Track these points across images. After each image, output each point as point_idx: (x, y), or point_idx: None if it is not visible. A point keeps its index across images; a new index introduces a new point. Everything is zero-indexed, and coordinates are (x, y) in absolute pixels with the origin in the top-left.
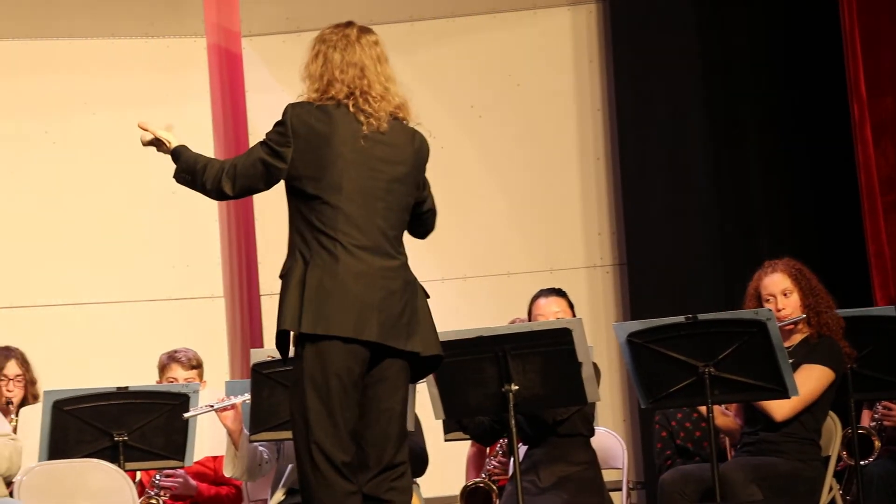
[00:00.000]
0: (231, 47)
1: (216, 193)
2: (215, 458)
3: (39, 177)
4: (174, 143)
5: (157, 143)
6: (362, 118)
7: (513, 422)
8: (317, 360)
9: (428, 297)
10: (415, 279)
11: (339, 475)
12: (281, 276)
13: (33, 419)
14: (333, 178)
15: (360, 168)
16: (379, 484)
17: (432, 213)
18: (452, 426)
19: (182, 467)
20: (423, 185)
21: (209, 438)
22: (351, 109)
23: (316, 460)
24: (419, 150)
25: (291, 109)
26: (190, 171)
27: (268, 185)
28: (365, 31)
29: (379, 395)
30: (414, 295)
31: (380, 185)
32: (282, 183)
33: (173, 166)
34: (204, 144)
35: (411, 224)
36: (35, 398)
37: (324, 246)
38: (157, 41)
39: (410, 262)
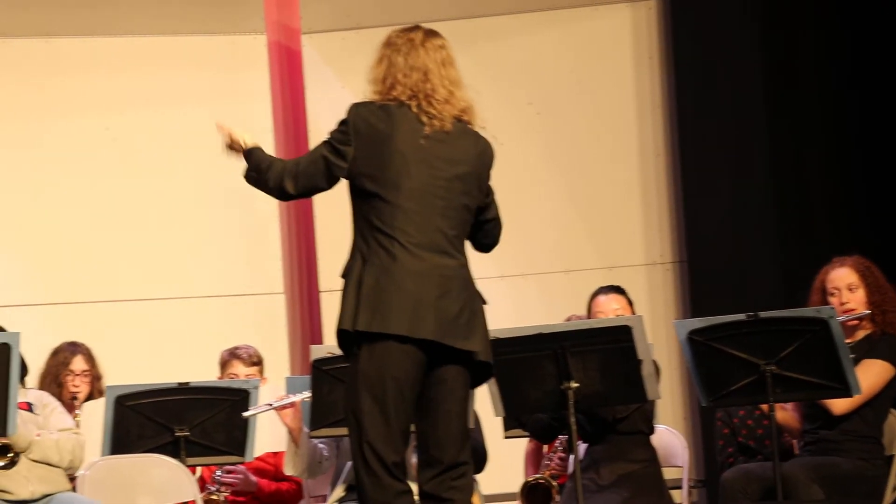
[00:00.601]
0: (291, 44)
1: (278, 192)
2: (276, 454)
3: (101, 174)
4: (249, 145)
5: (232, 147)
6: (425, 118)
7: (572, 419)
8: (372, 360)
9: (485, 303)
10: (473, 282)
11: (390, 475)
12: (342, 276)
13: (96, 414)
14: (392, 176)
15: (419, 166)
16: (440, 483)
17: (497, 222)
18: (512, 423)
19: (242, 463)
20: (486, 191)
21: (269, 435)
22: (414, 110)
23: (368, 460)
24: (482, 153)
25: (354, 108)
26: (256, 169)
27: (329, 183)
28: (431, 34)
29: (439, 396)
30: (473, 297)
31: (439, 184)
32: (343, 181)
33: (235, 164)
34: (264, 141)
35: (475, 235)
36: (100, 393)
37: (381, 244)
38: (217, 38)
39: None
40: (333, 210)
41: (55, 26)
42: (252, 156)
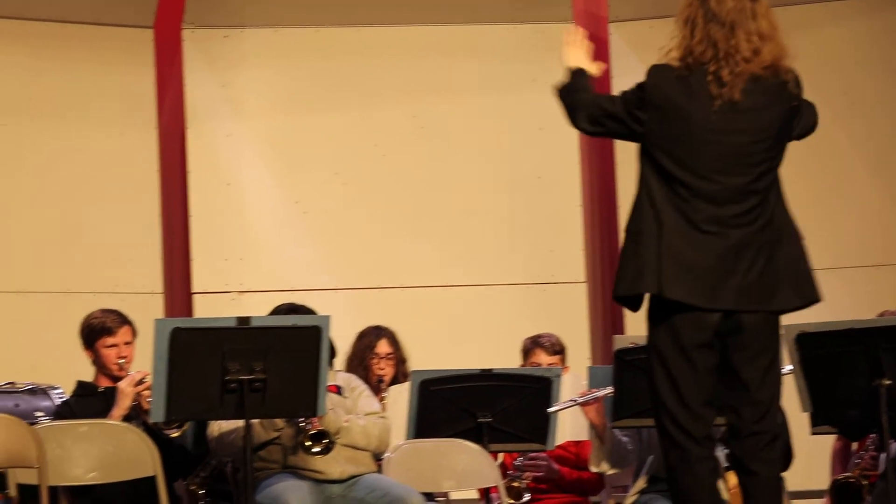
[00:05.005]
0: (598, 32)
1: (571, 117)
2: (577, 443)
3: (407, 161)
4: (581, 66)
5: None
6: (715, 91)
7: (884, 417)
8: (665, 333)
9: (802, 238)
10: (784, 232)
11: (692, 440)
12: (626, 231)
13: (401, 397)
14: (686, 153)
15: (713, 141)
16: (745, 451)
17: (811, 114)
18: (820, 419)
19: (544, 451)
20: (797, 123)
21: (571, 424)
22: (709, 78)
23: (668, 428)
24: (782, 106)
25: (653, 73)
26: (570, 88)
27: (623, 138)
28: None
29: (738, 363)
30: (779, 250)
31: (732, 156)
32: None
33: (534, 153)
34: (568, 129)
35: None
36: (405, 377)
37: (679, 211)
38: (524, 27)
39: None
40: None
41: (362, 16)
42: (575, 75)
